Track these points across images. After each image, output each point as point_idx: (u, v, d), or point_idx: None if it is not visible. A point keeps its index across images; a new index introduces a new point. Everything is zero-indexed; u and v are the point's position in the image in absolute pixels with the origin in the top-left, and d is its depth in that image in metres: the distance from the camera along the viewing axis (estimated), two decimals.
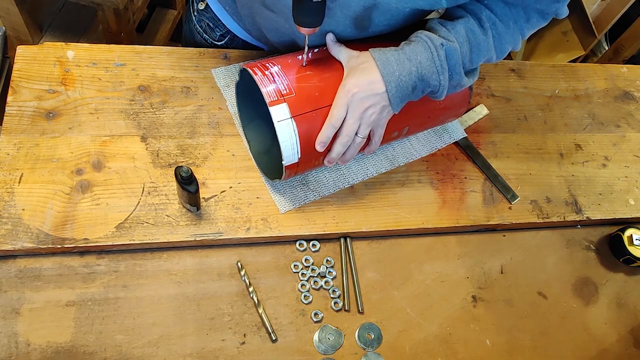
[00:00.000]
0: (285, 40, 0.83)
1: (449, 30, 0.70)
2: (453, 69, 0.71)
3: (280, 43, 0.85)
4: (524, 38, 0.77)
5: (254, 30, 0.89)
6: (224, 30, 0.94)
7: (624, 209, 0.94)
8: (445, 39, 0.70)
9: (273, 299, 0.76)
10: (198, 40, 0.98)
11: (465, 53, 0.71)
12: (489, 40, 0.72)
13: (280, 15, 0.76)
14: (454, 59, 0.70)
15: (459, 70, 0.71)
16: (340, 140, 0.71)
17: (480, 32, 0.72)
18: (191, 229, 0.76)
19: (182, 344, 0.71)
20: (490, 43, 0.73)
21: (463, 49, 0.70)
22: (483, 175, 0.91)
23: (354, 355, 0.75)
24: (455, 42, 0.70)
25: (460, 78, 0.72)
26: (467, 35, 0.71)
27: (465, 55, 0.71)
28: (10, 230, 0.71)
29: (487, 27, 0.72)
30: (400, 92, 0.69)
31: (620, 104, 1.08)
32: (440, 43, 0.69)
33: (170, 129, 0.83)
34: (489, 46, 0.73)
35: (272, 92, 0.69)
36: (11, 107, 0.80)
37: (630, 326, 0.86)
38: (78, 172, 0.77)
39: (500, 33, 0.73)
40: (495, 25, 0.73)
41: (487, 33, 0.72)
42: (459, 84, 0.73)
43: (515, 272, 0.86)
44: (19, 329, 0.68)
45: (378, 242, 0.84)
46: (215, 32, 0.95)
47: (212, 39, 0.96)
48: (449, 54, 0.69)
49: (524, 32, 0.75)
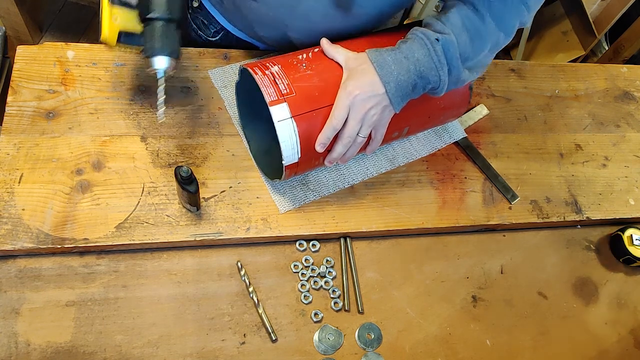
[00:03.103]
0: (275, 35, 0.83)
1: (443, 23, 0.70)
2: (451, 63, 0.70)
3: (271, 38, 0.85)
4: (531, 11, 0.73)
5: (244, 27, 0.89)
6: (218, 27, 0.94)
7: (624, 209, 0.94)
8: (441, 32, 0.69)
9: (273, 299, 0.76)
10: (193, 37, 0.98)
11: (465, 43, 0.70)
12: (487, 24, 0.71)
13: (262, 4, 0.77)
14: (451, 52, 0.69)
15: (457, 64, 0.70)
16: (342, 141, 0.71)
17: (476, 18, 0.70)
18: (191, 229, 0.76)
19: (182, 344, 0.71)
20: (491, 26, 0.71)
21: (461, 39, 0.69)
22: (483, 175, 0.91)
23: (354, 355, 0.75)
24: (452, 34, 0.69)
25: (459, 72, 0.71)
26: (463, 25, 0.69)
27: (464, 45, 0.70)
28: (10, 230, 0.71)
29: (482, 10, 0.70)
30: (400, 92, 0.69)
31: (620, 104, 1.08)
32: (435, 38, 0.68)
33: (170, 129, 0.83)
34: (489, 30, 0.71)
35: (272, 92, 0.69)
36: (11, 107, 0.80)
37: (630, 326, 0.86)
38: (78, 172, 0.77)
39: (498, 13, 0.71)
40: (491, 7, 0.70)
41: (484, 17, 0.70)
42: (458, 78, 0.72)
43: (515, 272, 0.86)
44: (19, 329, 0.68)
45: (378, 242, 0.84)
46: (209, 28, 0.95)
47: (207, 35, 0.96)
48: (446, 48, 0.69)
49: (528, 3, 0.72)
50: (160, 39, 0.61)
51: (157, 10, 0.60)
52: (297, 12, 0.78)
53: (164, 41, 0.61)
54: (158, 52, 0.61)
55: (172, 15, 0.61)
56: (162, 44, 0.61)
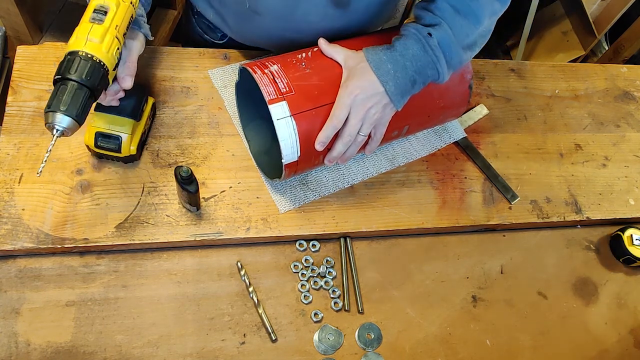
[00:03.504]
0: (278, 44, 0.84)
1: (433, 13, 0.69)
2: (449, 51, 0.69)
3: (270, 40, 0.86)
4: None
5: (246, 41, 0.90)
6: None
7: (624, 209, 0.94)
8: (432, 25, 0.69)
9: (273, 299, 0.76)
10: (199, 41, 0.98)
11: (460, 25, 0.69)
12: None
13: (265, 17, 0.77)
14: (446, 42, 0.69)
15: (456, 50, 0.70)
16: (342, 139, 0.71)
17: None
18: (191, 229, 0.76)
19: (182, 344, 0.71)
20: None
21: (454, 24, 0.69)
22: (483, 175, 0.91)
23: (354, 355, 0.75)
24: (444, 24, 0.68)
25: (460, 56, 0.71)
26: (453, 8, 0.69)
27: (460, 28, 0.69)
28: (10, 230, 0.71)
29: None
30: (400, 89, 0.69)
31: (620, 104, 1.08)
32: (427, 32, 0.68)
33: (170, 129, 0.83)
34: (481, 3, 0.70)
35: (271, 91, 0.69)
36: (11, 107, 0.80)
37: (630, 326, 0.86)
38: (78, 172, 0.77)
39: None
40: None
41: None
42: (459, 62, 0.72)
43: (515, 272, 0.86)
44: (19, 329, 0.68)
45: (378, 242, 0.84)
46: (215, 32, 0.95)
47: (213, 39, 0.96)
48: (441, 40, 0.69)
49: None
50: (71, 99, 0.58)
51: (75, 74, 0.59)
52: (297, 13, 0.78)
53: (74, 102, 0.59)
54: (63, 110, 0.58)
55: (88, 83, 0.59)
56: (71, 103, 0.59)
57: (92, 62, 0.60)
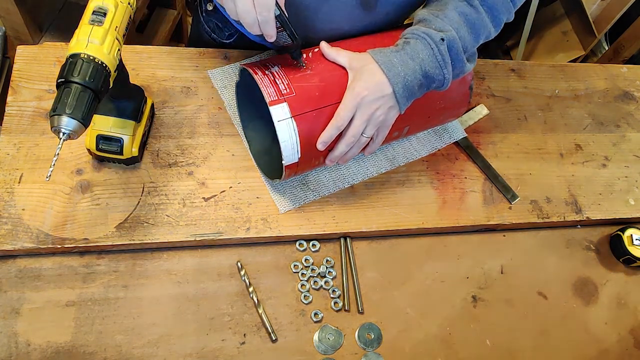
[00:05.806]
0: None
1: (442, 20, 0.70)
2: (456, 59, 0.71)
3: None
4: (516, 7, 0.75)
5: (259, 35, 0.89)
6: (232, 30, 0.93)
7: (624, 209, 0.94)
8: (443, 31, 0.69)
9: (273, 299, 0.76)
10: (206, 40, 0.97)
11: (465, 37, 0.71)
12: (482, 17, 0.72)
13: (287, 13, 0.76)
14: (455, 49, 0.70)
15: (462, 58, 0.71)
16: (346, 140, 0.71)
17: (472, 12, 0.71)
18: (191, 229, 0.76)
19: (182, 344, 0.71)
20: (485, 19, 0.72)
21: (461, 34, 0.70)
22: (483, 175, 0.91)
23: (354, 355, 0.75)
24: (453, 31, 0.69)
25: (463, 65, 0.72)
26: (460, 19, 0.70)
27: (464, 39, 0.71)
28: (10, 230, 0.71)
29: (476, 3, 0.71)
30: (407, 92, 0.70)
31: (620, 104, 1.08)
32: (440, 38, 0.69)
33: (170, 129, 0.83)
34: (484, 23, 0.72)
35: (272, 92, 0.69)
36: (11, 107, 0.80)
37: (630, 326, 0.86)
38: (78, 172, 0.77)
39: (491, 5, 0.72)
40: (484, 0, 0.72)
41: (479, 10, 0.72)
42: (461, 71, 0.73)
43: (515, 272, 0.86)
44: (19, 329, 0.68)
45: (378, 242, 0.84)
46: (223, 31, 0.94)
47: (221, 38, 0.95)
48: (450, 46, 0.69)
49: (514, 0, 0.74)
50: (76, 101, 0.58)
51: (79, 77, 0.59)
52: (321, 13, 0.77)
53: (78, 104, 0.58)
54: (68, 113, 0.58)
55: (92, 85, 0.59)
56: (76, 106, 0.58)
57: (95, 64, 0.60)
